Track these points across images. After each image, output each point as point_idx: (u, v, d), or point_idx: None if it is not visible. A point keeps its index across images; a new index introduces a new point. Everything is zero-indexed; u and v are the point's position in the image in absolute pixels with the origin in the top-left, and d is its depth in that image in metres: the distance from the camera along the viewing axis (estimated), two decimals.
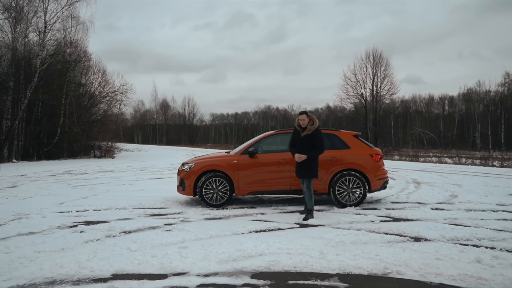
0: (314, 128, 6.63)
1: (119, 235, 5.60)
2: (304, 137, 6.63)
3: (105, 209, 7.66)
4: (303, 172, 6.66)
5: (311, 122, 6.68)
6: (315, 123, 6.68)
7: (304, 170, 6.62)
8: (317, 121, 6.71)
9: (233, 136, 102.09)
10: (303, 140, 6.64)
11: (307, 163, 6.58)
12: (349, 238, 5.35)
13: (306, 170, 6.61)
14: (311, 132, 6.61)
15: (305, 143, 6.62)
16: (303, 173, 6.65)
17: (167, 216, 6.97)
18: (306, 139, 6.62)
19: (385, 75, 34.26)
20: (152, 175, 14.70)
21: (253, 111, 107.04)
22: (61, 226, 6.17)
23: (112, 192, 9.96)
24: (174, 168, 18.42)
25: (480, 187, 10.13)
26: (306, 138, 6.62)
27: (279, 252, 4.70)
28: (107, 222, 6.49)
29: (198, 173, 7.85)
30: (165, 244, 5.10)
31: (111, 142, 31.18)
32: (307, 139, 6.61)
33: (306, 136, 6.63)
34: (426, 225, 6.05)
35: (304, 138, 6.64)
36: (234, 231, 5.80)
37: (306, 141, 6.61)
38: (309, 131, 6.62)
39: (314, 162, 6.62)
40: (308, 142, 6.59)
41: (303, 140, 6.64)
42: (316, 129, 6.65)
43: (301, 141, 6.66)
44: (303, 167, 6.64)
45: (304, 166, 6.61)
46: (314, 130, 6.62)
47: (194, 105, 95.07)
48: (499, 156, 27.43)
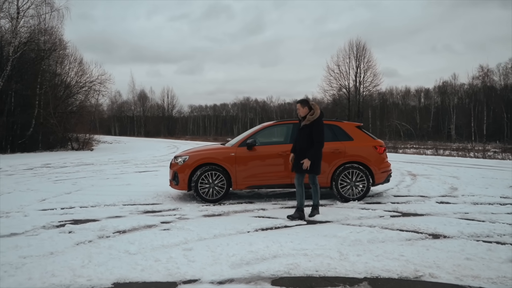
0: (313, 119, 5.89)
1: (113, 236, 5.08)
2: (303, 128, 5.97)
3: (93, 205, 7.10)
4: (300, 165, 5.89)
5: (312, 112, 5.97)
6: (316, 113, 5.90)
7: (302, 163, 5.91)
8: (318, 111, 5.92)
9: (211, 128, 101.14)
10: (302, 131, 5.97)
11: (305, 155, 5.85)
12: (364, 236, 4.99)
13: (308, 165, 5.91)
14: (310, 123, 5.90)
15: (304, 134, 5.92)
16: (301, 166, 5.89)
17: (162, 213, 6.47)
18: (304, 130, 5.92)
19: (368, 66, 34.27)
20: (136, 168, 14.07)
21: (231, 102, 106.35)
22: (47, 226, 5.60)
23: (97, 187, 9.35)
24: (158, 160, 17.80)
25: (478, 179, 10.00)
26: (304, 129, 5.93)
27: (295, 254, 4.30)
28: (97, 220, 5.95)
29: (192, 167, 7.36)
30: (166, 245, 4.62)
31: (89, 134, 30.09)
32: (305, 130, 5.91)
33: (304, 127, 5.95)
34: (439, 221, 5.76)
35: (302, 129, 5.99)
36: (239, 229, 5.37)
37: (304, 133, 5.91)
38: (308, 122, 5.91)
39: (316, 154, 5.90)
40: (308, 134, 5.87)
41: (302, 131, 5.97)
42: (315, 120, 5.88)
43: (300, 132, 6.03)
44: (300, 159, 5.90)
45: (302, 158, 5.89)
46: (312, 121, 5.89)
47: (174, 97, 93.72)
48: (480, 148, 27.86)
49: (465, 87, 66.32)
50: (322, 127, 5.91)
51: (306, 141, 5.89)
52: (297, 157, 6.01)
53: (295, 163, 6.05)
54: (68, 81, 30.83)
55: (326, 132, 7.31)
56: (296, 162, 6.02)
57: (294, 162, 6.06)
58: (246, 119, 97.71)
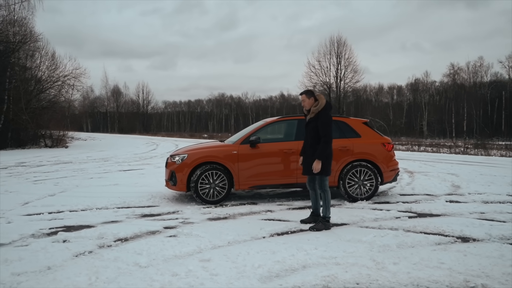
0: (318, 110, 5.20)
1: (116, 245, 4.54)
2: (309, 121, 5.32)
3: (83, 209, 6.49)
4: (309, 167, 5.25)
5: (316, 103, 5.28)
6: (320, 103, 5.21)
7: (310, 164, 5.27)
8: (323, 100, 5.24)
9: (186, 124, 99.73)
10: (308, 126, 5.34)
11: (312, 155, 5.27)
12: (390, 240, 4.64)
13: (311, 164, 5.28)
14: (315, 116, 5.24)
15: (310, 130, 5.28)
16: (310, 167, 5.24)
17: (162, 217, 5.95)
18: (311, 124, 5.27)
19: (349, 63, 34.28)
20: (119, 167, 13.37)
21: (206, 99, 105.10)
22: (36, 235, 4.99)
23: (83, 188, 8.69)
24: (140, 158, 17.10)
25: (477, 177, 9.89)
26: (311, 123, 5.28)
27: (325, 263, 3.90)
28: (92, 226, 5.38)
29: (192, 166, 6.85)
30: (180, 255, 4.13)
31: (64, 131, 28.80)
32: (312, 124, 5.26)
33: (310, 121, 5.31)
34: (459, 222, 5.49)
35: (308, 123, 5.35)
36: (253, 234, 4.93)
37: (311, 128, 5.25)
38: (312, 114, 5.25)
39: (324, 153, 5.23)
40: (314, 128, 5.22)
41: (308, 126, 5.34)
42: (321, 112, 5.19)
43: (306, 127, 5.41)
44: (308, 159, 5.28)
45: (313, 160, 5.21)
46: (317, 113, 5.20)
47: (149, 92, 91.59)
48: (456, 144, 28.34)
49: (436, 85, 68.02)
50: (330, 120, 5.23)
51: (313, 137, 5.26)
52: (306, 157, 5.39)
53: (305, 165, 5.43)
54: (40, 75, 29.37)
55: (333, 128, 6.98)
56: (305, 163, 5.38)
57: (304, 163, 5.44)
58: (221, 116, 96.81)
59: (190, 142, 33.74)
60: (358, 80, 35.45)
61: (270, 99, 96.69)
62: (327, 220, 5.27)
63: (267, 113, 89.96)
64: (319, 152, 5.12)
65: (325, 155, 5.17)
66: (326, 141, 5.14)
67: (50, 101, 29.00)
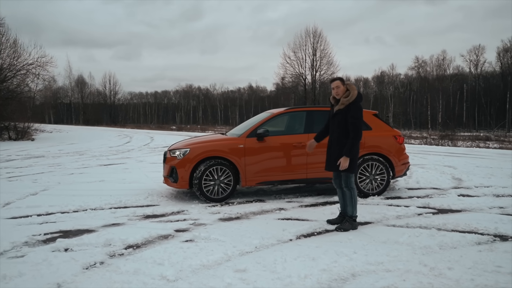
0: (349, 102, 4.73)
1: (128, 253, 3.99)
2: (337, 113, 4.81)
3: (75, 210, 5.84)
4: (335, 163, 4.82)
5: (347, 93, 4.80)
6: (352, 94, 4.73)
7: (337, 159, 4.78)
8: (355, 91, 4.76)
9: (153, 116, 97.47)
10: (335, 118, 4.83)
11: (340, 149, 4.79)
12: (428, 240, 4.32)
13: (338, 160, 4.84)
14: (344, 107, 4.75)
15: (337, 122, 4.80)
16: (336, 163, 4.81)
17: (168, 218, 5.41)
18: (339, 116, 4.78)
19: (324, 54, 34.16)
20: (98, 161, 12.53)
21: (173, 90, 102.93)
22: (31, 242, 4.35)
23: (66, 185, 7.95)
24: (118, 151, 16.22)
25: (474, 169, 9.83)
26: (339, 115, 4.78)
27: (375, 270, 3.52)
28: (93, 231, 4.78)
29: (195, 161, 6.30)
30: (208, 265, 3.64)
31: (29, 122, 27.13)
32: (340, 116, 4.77)
33: (338, 112, 4.80)
34: (487, 218, 5.25)
35: (336, 115, 4.84)
36: (278, 237, 4.49)
37: (339, 120, 4.77)
38: (342, 106, 4.75)
39: (353, 150, 4.79)
40: (341, 121, 4.76)
41: (335, 118, 4.83)
42: (352, 103, 4.72)
43: (333, 118, 4.88)
44: (334, 155, 4.83)
45: (337, 153, 4.80)
46: (348, 105, 4.73)
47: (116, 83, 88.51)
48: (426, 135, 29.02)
49: (401, 77, 69.62)
50: (361, 113, 4.80)
51: (340, 130, 4.79)
52: (332, 152, 4.95)
53: (329, 160, 5.00)
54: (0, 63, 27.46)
55: None
56: (330, 159, 4.95)
57: (328, 159, 5.01)
58: (189, 107, 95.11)
59: (162, 134, 32.81)
60: (333, 71, 35.43)
61: (238, 90, 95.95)
62: (354, 219, 4.89)
63: (235, 105, 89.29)
64: (348, 149, 4.68)
65: (354, 152, 4.76)
66: (356, 137, 4.70)
67: (13, 91, 27.20)
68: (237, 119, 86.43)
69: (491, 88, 58.34)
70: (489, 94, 56.85)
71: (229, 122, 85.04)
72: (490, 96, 56.65)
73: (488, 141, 24.58)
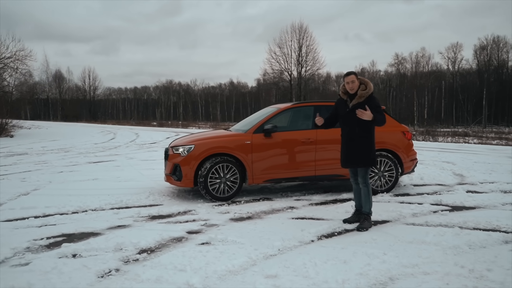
0: (368, 94, 4.62)
1: (143, 259, 3.69)
2: (354, 107, 4.59)
3: (75, 211, 5.48)
4: (355, 158, 4.67)
5: (363, 87, 4.67)
6: (369, 87, 4.65)
7: (357, 154, 4.65)
8: (371, 84, 4.71)
9: (133, 112, 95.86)
10: (353, 112, 4.56)
11: (361, 144, 4.67)
12: (454, 240, 4.17)
13: (359, 155, 4.65)
14: (364, 100, 4.60)
15: (353, 117, 4.57)
16: (356, 159, 4.67)
17: (176, 219, 5.12)
18: (355, 111, 4.55)
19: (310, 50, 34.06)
20: (87, 159, 12.05)
21: (153, 85, 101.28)
22: (33, 248, 4.01)
23: (58, 184, 7.53)
24: (104, 148, 15.72)
25: (474, 165, 9.81)
26: (357, 108, 4.54)
27: (412, 272, 3.33)
28: (99, 234, 4.45)
29: (200, 158, 6.01)
30: (234, 270, 3.38)
31: (7, 118, 26.15)
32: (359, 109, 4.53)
33: (357, 106, 4.58)
34: (505, 215, 5.14)
35: (353, 109, 4.60)
36: (299, 238, 4.26)
37: (355, 114, 4.52)
38: (361, 98, 4.60)
39: (371, 142, 4.72)
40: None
41: (353, 112, 4.56)
42: (371, 96, 4.66)
43: (350, 113, 4.63)
44: (355, 150, 4.66)
45: (356, 148, 4.66)
46: (368, 97, 4.62)
47: (96, 78, 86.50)
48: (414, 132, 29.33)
49: (381, 74, 70.40)
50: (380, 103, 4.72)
51: (361, 125, 4.60)
52: (351, 148, 4.75)
53: (347, 156, 4.81)
54: None
55: None
56: (349, 155, 4.77)
57: (346, 155, 4.82)
58: (169, 103, 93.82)
59: (147, 131, 32.21)
60: (319, 67, 35.41)
61: (219, 86, 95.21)
62: (370, 216, 4.74)
63: (216, 101, 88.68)
64: (378, 118, 4.53)
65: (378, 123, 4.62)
66: (383, 120, 4.63)
67: None
68: (218, 115, 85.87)
69: (468, 85, 59.46)
70: (466, 90, 57.94)
71: (210, 118, 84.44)
72: (468, 92, 57.74)
73: (466, 137, 24.95)
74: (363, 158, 4.70)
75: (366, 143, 4.70)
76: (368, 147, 4.70)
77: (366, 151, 4.69)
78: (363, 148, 4.69)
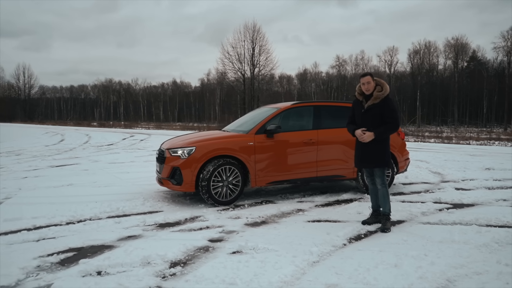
0: (384, 96, 4.61)
1: (180, 273, 3.37)
2: (369, 108, 4.62)
3: (69, 221, 4.95)
4: (371, 159, 4.68)
5: (379, 88, 4.65)
6: (385, 88, 4.64)
7: (373, 155, 4.66)
8: (387, 85, 4.70)
9: (69, 112, 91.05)
10: (368, 113, 4.63)
11: (376, 145, 4.66)
12: (479, 238, 4.24)
13: (375, 156, 4.65)
14: (380, 101, 4.61)
15: (370, 117, 4.61)
16: (372, 159, 4.68)
17: (187, 226, 4.79)
18: (372, 111, 4.60)
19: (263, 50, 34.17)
20: (46, 162, 11.09)
21: (91, 84, 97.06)
22: (45, 266, 3.52)
23: (31, 191, 6.81)
24: (59, 151, 14.66)
25: (446, 163, 10.26)
26: (372, 110, 4.60)
27: (466, 273, 3.32)
28: (113, 246, 4.03)
29: (202, 161, 5.68)
30: (289, 281, 3.17)
31: None
32: (374, 111, 4.60)
33: (372, 107, 4.62)
34: (507, 211, 5.36)
35: (368, 110, 4.63)
36: (330, 242, 4.13)
37: (373, 115, 4.60)
38: (377, 100, 4.60)
39: (386, 143, 4.76)
40: (376, 115, 4.59)
41: (368, 113, 4.63)
42: (387, 97, 4.66)
43: (365, 114, 4.67)
44: (369, 151, 4.66)
45: (372, 150, 4.65)
46: (383, 98, 4.62)
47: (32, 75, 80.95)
48: None
49: (322, 75, 72.75)
50: (395, 105, 4.76)
51: (375, 125, 4.61)
52: (363, 150, 4.75)
53: (361, 156, 4.79)
54: None
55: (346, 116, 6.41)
56: (363, 155, 4.75)
57: (360, 155, 4.81)
58: (109, 102, 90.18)
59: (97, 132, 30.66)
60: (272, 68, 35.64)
61: (162, 86, 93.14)
62: (390, 216, 4.77)
63: (159, 101, 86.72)
64: (381, 130, 4.58)
65: (384, 137, 4.66)
66: (394, 127, 4.64)
67: None
68: (161, 115, 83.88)
69: (403, 86, 62.94)
70: (402, 92, 61.23)
71: (153, 118, 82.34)
72: (403, 94, 61.08)
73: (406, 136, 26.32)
74: (379, 159, 4.70)
75: (381, 144, 4.70)
76: (383, 148, 4.71)
77: (382, 152, 4.69)
78: (378, 149, 4.68)
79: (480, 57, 58.50)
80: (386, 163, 4.71)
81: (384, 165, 4.71)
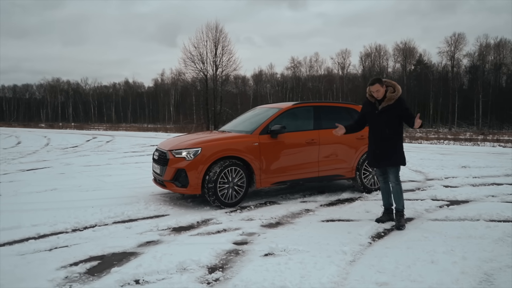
0: (397, 97, 4.67)
1: (224, 278, 3.27)
2: (384, 110, 4.69)
3: (75, 228, 4.67)
4: (386, 158, 4.75)
5: (391, 89, 4.70)
6: (397, 89, 4.68)
7: (388, 154, 4.74)
8: (399, 87, 4.72)
9: (12, 112, 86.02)
10: (383, 115, 4.69)
11: (390, 145, 4.76)
12: (492, 233, 4.43)
13: (390, 155, 4.74)
14: (394, 102, 4.66)
15: (385, 118, 4.67)
16: (387, 159, 4.75)
17: (204, 229, 4.65)
18: (388, 112, 4.66)
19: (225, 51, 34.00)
20: (13, 166, 10.35)
21: (37, 83, 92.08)
22: (73, 277, 3.30)
23: (12, 197, 6.33)
24: (22, 154, 13.80)
25: (423, 162, 10.64)
26: (388, 111, 4.67)
27: (499, 267, 3.46)
28: (137, 253, 3.84)
29: (209, 162, 5.54)
30: (339, 281, 3.17)
31: None
32: (390, 112, 4.66)
33: (386, 108, 4.68)
34: (502, 207, 5.63)
35: (383, 112, 4.70)
36: (356, 241, 4.19)
37: (388, 116, 4.66)
38: (391, 101, 4.66)
39: (400, 142, 4.85)
40: (391, 116, 4.65)
41: (383, 115, 4.69)
42: (400, 98, 4.70)
43: (379, 116, 4.73)
44: (384, 150, 4.75)
45: (387, 149, 4.74)
46: (397, 99, 4.67)
47: None
48: None
49: (277, 76, 73.81)
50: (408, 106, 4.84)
51: (391, 127, 4.69)
52: (377, 149, 4.84)
53: (376, 156, 4.88)
54: None
55: (345, 116, 6.54)
56: (378, 155, 4.84)
57: (375, 155, 4.90)
58: (56, 103, 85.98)
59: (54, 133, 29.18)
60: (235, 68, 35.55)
61: (113, 86, 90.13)
62: (402, 212, 4.88)
63: (111, 101, 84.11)
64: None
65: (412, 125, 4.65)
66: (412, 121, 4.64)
67: None
68: (113, 116, 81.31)
69: (355, 88, 64.91)
70: (354, 93, 63.15)
71: (104, 119, 79.63)
72: (355, 95, 63.05)
73: None
74: (394, 158, 4.81)
75: (396, 144, 4.81)
76: (398, 147, 4.82)
77: (396, 151, 4.80)
78: (393, 148, 4.79)
79: (426, 61, 61.64)
80: (402, 161, 4.84)
81: (400, 163, 4.83)
